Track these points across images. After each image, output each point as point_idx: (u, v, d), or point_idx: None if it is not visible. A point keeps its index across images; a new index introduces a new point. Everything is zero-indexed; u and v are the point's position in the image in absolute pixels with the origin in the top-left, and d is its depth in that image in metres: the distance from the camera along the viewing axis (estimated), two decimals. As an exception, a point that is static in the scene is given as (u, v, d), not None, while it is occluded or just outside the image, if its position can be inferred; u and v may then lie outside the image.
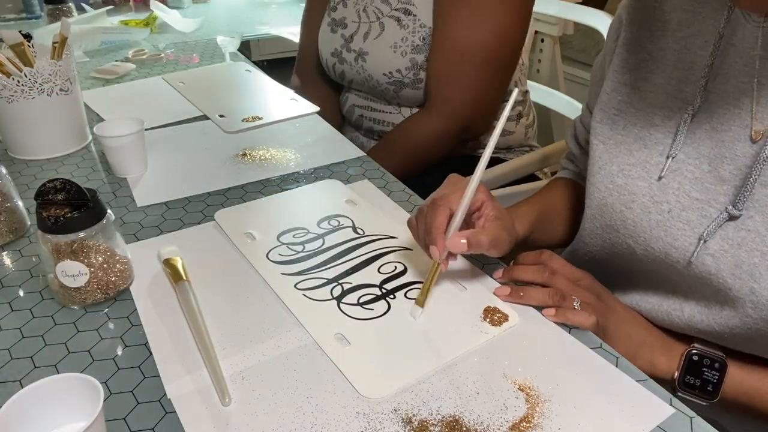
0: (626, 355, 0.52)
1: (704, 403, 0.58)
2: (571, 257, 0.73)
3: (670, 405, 0.47)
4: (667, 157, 0.57)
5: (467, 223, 0.59)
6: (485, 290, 0.60)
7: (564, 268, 0.62)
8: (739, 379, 0.57)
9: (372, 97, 1.12)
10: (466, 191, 0.55)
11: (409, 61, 1.00)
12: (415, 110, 1.07)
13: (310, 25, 1.21)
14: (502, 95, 1.08)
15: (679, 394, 0.58)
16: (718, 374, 0.57)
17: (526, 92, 1.17)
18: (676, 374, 0.59)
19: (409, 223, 0.62)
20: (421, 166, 1.04)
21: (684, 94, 0.58)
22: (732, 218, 0.52)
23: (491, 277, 0.62)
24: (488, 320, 0.56)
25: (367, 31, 1.04)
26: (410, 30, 0.99)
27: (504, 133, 1.13)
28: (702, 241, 0.54)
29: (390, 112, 1.10)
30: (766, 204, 0.51)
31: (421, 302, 0.56)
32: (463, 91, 0.98)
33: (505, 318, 0.56)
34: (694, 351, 0.58)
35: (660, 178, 0.57)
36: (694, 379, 0.58)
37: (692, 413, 0.47)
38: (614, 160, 0.62)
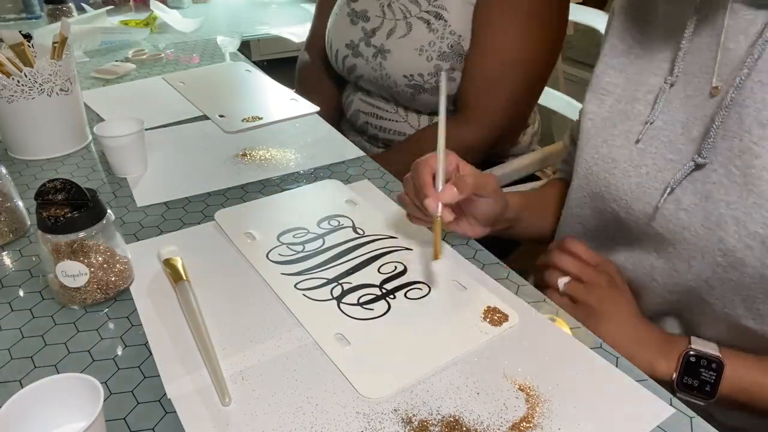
0: (625, 354, 0.53)
1: (702, 404, 0.58)
2: (560, 230, 0.76)
3: (670, 405, 0.47)
4: (645, 123, 0.61)
5: None
6: (485, 290, 0.60)
7: (584, 251, 0.66)
8: (737, 377, 0.58)
9: (379, 102, 1.09)
10: (438, 148, 0.59)
11: (433, 66, 0.97)
12: (422, 118, 1.06)
13: (324, 7, 1.18)
14: (532, 107, 1.08)
15: (678, 395, 0.59)
16: (715, 374, 0.58)
17: None
18: (675, 375, 0.59)
19: (401, 199, 0.64)
20: None
21: (663, 71, 0.62)
22: (698, 167, 0.57)
23: (491, 277, 0.62)
24: (488, 320, 0.56)
25: (392, 29, 1.01)
26: (439, 35, 0.96)
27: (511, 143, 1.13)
28: (669, 189, 0.58)
29: (397, 120, 1.07)
30: (726, 156, 0.55)
31: (437, 254, 0.57)
32: (501, 102, 0.97)
33: (505, 318, 0.56)
34: (691, 352, 0.59)
35: (638, 140, 0.62)
36: (692, 380, 0.58)
37: (692, 413, 0.47)
38: (600, 133, 0.67)
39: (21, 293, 0.60)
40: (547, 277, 0.67)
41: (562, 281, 0.65)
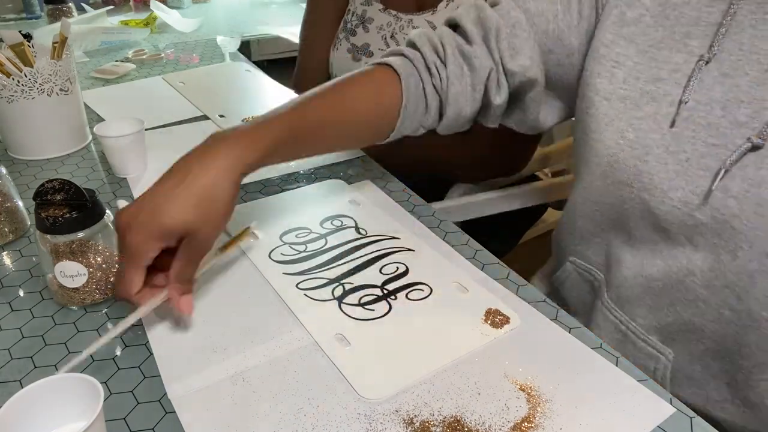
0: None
1: None
2: (575, 219, 0.71)
3: (670, 405, 0.47)
4: (679, 103, 0.57)
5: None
6: (486, 292, 0.60)
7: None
8: None
9: None
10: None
11: None
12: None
13: (317, 42, 1.10)
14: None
15: None
16: None
17: None
18: None
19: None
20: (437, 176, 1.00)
21: (689, 47, 0.58)
22: (755, 148, 0.53)
23: (491, 277, 0.62)
24: (489, 322, 0.56)
25: None
26: None
27: None
28: (723, 172, 0.53)
29: None
30: None
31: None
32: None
33: (506, 320, 0.56)
34: None
35: (673, 124, 0.57)
36: None
37: (692, 413, 0.47)
38: (621, 116, 0.61)
39: (21, 293, 0.60)
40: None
41: None
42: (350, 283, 0.61)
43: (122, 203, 0.72)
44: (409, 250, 0.66)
